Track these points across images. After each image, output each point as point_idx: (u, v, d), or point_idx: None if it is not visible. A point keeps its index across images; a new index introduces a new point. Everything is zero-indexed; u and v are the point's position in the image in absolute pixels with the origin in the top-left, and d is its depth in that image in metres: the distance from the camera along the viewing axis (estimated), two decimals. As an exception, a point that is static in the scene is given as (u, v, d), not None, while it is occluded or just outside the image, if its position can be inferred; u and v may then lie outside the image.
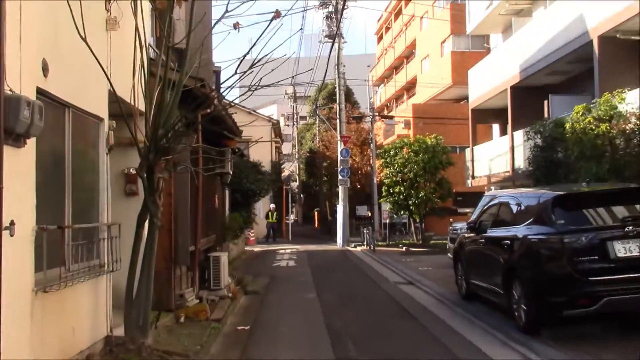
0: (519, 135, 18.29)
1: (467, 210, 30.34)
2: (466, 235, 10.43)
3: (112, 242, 6.18)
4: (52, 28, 5.05)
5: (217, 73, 16.41)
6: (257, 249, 24.55)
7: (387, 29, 49.35)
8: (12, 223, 4.11)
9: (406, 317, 9.33)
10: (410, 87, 44.70)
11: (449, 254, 15.85)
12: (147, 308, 6.07)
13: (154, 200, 6.08)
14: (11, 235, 4.10)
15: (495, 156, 20.54)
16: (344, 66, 25.24)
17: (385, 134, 35.72)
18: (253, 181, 20.10)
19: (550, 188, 9.56)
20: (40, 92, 4.74)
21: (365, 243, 23.59)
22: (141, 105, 6.20)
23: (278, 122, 30.33)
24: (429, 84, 36.07)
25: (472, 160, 22.91)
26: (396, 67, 47.11)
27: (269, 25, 6.06)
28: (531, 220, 7.75)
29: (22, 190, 4.42)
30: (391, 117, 30.77)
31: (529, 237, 7.60)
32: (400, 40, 44.54)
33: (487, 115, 23.20)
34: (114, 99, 6.10)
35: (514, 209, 8.66)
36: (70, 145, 5.56)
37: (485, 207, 9.94)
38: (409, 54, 43.76)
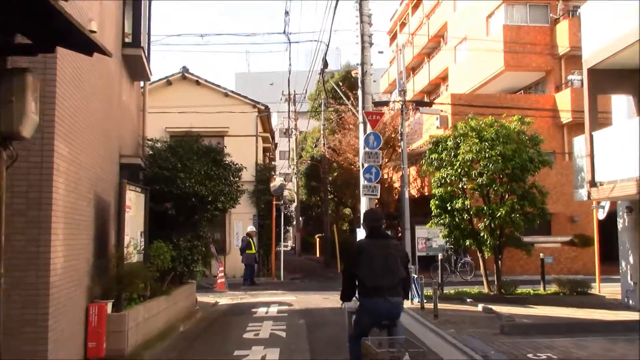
0: None
1: (542, 240, 19.99)
2: None
3: None
4: None
5: None
6: (224, 300, 14.05)
7: (403, 25, 39.41)
8: None
9: None
10: (433, 89, 34.59)
11: None
12: None
13: None
14: None
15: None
16: (370, 10, 14.96)
17: (409, 136, 25.41)
18: (201, 180, 9.65)
19: None
20: None
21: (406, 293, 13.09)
22: None
23: (267, 108, 19.76)
24: (466, 75, 25.99)
25: (592, 155, 12.53)
26: (414, 69, 36.98)
27: None
28: None
29: None
30: (430, 104, 20.44)
31: None
32: (421, 32, 34.48)
33: (614, 80, 12.94)
34: None
35: None
36: None
37: None
38: (432, 49, 33.79)
